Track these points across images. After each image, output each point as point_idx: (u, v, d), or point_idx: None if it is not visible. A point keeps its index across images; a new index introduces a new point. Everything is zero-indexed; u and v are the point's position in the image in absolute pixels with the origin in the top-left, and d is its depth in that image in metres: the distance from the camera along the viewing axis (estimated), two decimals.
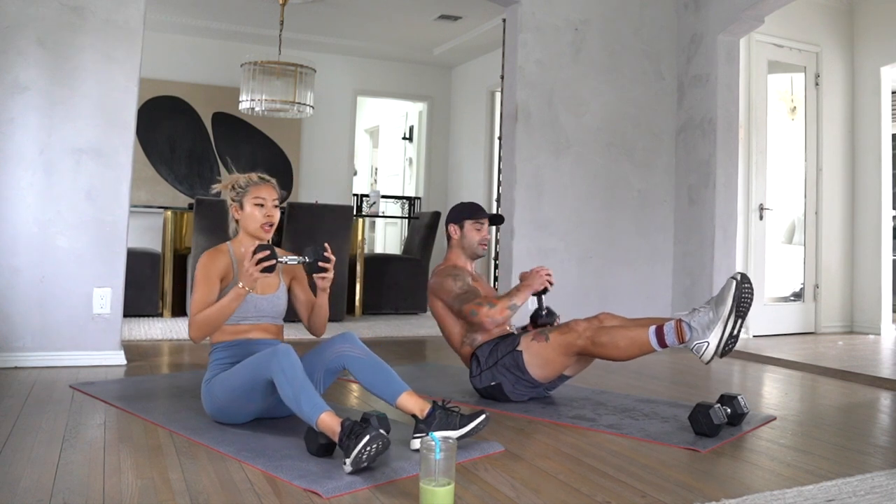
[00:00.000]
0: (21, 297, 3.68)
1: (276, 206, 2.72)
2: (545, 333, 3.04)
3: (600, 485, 2.10)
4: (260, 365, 2.36)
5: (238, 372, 2.46)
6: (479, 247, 3.33)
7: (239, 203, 2.71)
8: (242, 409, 2.53)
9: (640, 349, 2.85)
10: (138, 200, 7.02)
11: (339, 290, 5.87)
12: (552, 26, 5.01)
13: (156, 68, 7.23)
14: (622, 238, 5.20)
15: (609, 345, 2.88)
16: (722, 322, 2.70)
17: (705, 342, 2.71)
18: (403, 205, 8.98)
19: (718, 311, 2.71)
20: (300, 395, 2.23)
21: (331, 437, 2.18)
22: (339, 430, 2.13)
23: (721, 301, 2.72)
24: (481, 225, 3.33)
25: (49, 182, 3.74)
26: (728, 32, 5.01)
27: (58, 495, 1.90)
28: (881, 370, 4.28)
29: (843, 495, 2.03)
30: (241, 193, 2.70)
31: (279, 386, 2.28)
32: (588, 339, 2.92)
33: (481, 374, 3.14)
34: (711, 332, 2.70)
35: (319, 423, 2.19)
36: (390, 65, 8.73)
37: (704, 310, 2.74)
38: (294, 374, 2.27)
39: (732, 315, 2.70)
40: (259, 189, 2.69)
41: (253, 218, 2.69)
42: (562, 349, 2.98)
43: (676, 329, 2.77)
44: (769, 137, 5.69)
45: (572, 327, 2.98)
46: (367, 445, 2.04)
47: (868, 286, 5.90)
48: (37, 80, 3.73)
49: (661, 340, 2.79)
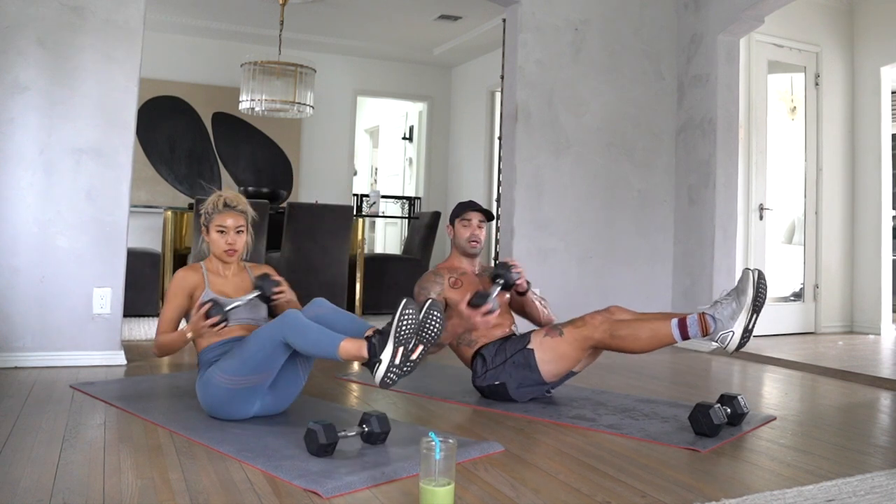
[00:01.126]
0: (21, 297, 3.68)
1: (241, 233, 2.85)
2: (558, 328, 3.04)
3: (600, 485, 2.10)
4: (273, 331, 2.49)
5: (252, 340, 2.54)
6: (468, 244, 3.29)
7: (206, 227, 2.86)
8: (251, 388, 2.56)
9: (660, 342, 2.87)
10: (138, 200, 7.03)
11: (339, 290, 5.87)
12: (552, 26, 5.01)
13: (156, 68, 7.23)
14: (622, 238, 5.20)
15: (629, 337, 2.89)
16: (746, 311, 2.75)
17: (731, 332, 2.76)
18: (403, 205, 8.98)
19: (741, 300, 2.76)
20: (318, 339, 2.41)
21: (359, 357, 2.37)
22: (364, 344, 2.36)
23: (742, 291, 2.77)
24: (468, 222, 3.30)
25: (49, 182, 3.74)
26: (728, 32, 5.01)
27: (58, 495, 1.90)
28: (881, 370, 4.28)
29: (843, 495, 2.03)
30: (207, 219, 2.85)
31: (294, 341, 2.44)
32: (606, 332, 2.92)
33: (486, 373, 3.13)
34: (736, 321, 2.76)
35: (341, 350, 2.38)
36: (390, 65, 8.73)
37: (727, 301, 2.79)
38: (305, 326, 2.44)
39: (752, 306, 2.75)
40: (222, 217, 2.83)
41: (216, 243, 2.84)
42: (577, 343, 2.98)
43: (700, 321, 2.80)
44: (769, 137, 5.69)
45: (587, 321, 2.98)
46: (405, 311, 2.33)
47: (868, 286, 5.90)
48: (37, 80, 3.73)
49: (683, 333, 2.82)
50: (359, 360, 2.40)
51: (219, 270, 2.87)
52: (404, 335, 2.34)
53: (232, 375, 2.55)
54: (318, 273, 5.80)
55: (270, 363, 2.53)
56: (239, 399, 2.58)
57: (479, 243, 3.31)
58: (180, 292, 2.80)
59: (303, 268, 5.75)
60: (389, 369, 2.33)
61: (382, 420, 2.37)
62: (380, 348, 2.35)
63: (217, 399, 2.60)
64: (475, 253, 3.33)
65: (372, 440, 2.37)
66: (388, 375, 2.33)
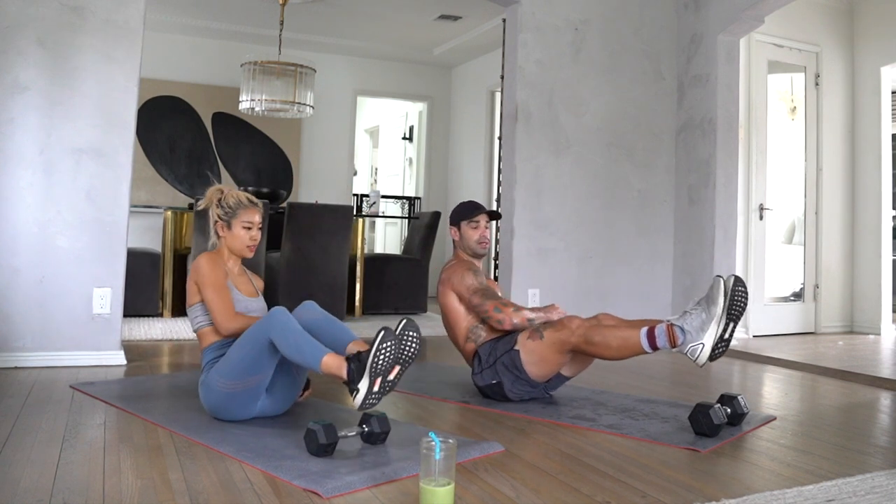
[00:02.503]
0: (21, 297, 3.68)
1: (261, 229, 2.88)
2: (540, 331, 3.03)
3: (600, 485, 2.10)
4: (259, 330, 2.47)
5: (238, 345, 2.53)
6: (478, 246, 3.31)
7: (227, 223, 2.81)
8: (248, 391, 2.56)
9: (631, 350, 2.82)
10: (138, 200, 7.03)
11: (339, 290, 5.87)
12: (552, 26, 5.01)
13: (156, 68, 7.23)
14: (622, 238, 5.20)
15: (601, 344, 2.86)
16: (716, 321, 2.65)
17: (700, 344, 2.66)
18: (403, 205, 8.98)
19: (711, 310, 2.66)
20: (301, 346, 2.39)
21: (338, 377, 2.33)
22: (344, 365, 2.32)
23: (712, 301, 2.67)
24: (477, 223, 3.32)
25: (49, 182, 3.74)
26: (728, 32, 5.01)
27: (58, 495, 1.90)
28: (881, 370, 4.28)
29: (843, 495, 2.03)
30: (231, 214, 2.81)
31: (279, 342, 2.41)
32: (581, 337, 2.90)
33: (482, 372, 3.14)
34: (706, 332, 2.66)
35: (323, 365, 2.35)
36: (390, 65, 8.73)
37: (696, 311, 2.70)
38: (291, 327, 2.41)
39: (724, 316, 2.66)
40: (249, 213, 2.82)
41: (240, 239, 2.81)
42: (556, 346, 2.97)
43: (668, 333, 2.73)
44: (769, 137, 5.69)
45: (566, 324, 2.96)
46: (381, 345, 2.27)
47: (868, 286, 5.90)
48: (37, 80, 3.73)
49: (651, 343, 2.76)
50: (338, 379, 2.36)
51: (230, 266, 2.86)
52: (381, 368, 2.30)
53: (227, 380, 2.55)
54: (318, 273, 5.80)
55: (261, 365, 2.51)
56: (238, 403, 2.59)
57: (489, 244, 3.33)
58: (224, 280, 2.73)
59: (303, 268, 5.75)
60: (368, 397, 2.31)
61: (382, 420, 2.38)
62: (357, 377, 2.31)
63: (217, 402, 2.62)
64: (485, 254, 3.36)
65: (372, 440, 2.37)
66: (368, 401, 2.32)
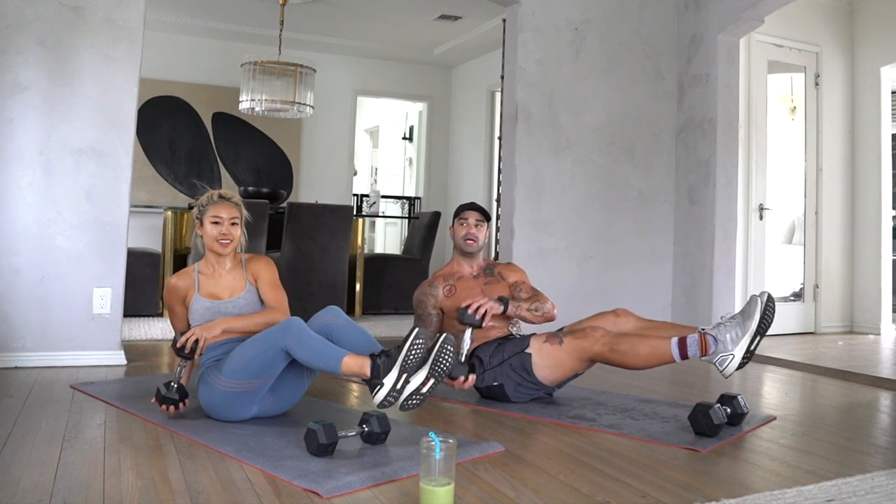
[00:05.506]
0: (21, 297, 3.68)
1: (235, 224, 2.85)
2: (559, 336, 3.03)
3: (600, 485, 2.10)
4: (274, 338, 2.49)
5: (248, 347, 2.54)
6: (463, 242, 3.33)
7: (199, 220, 2.86)
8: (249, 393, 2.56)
9: (658, 360, 2.83)
10: (138, 200, 7.02)
11: (338, 290, 5.87)
12: (552, 26, 5.01)
13: (156, 68, 7.23)
14: (622, 238, 5.19)
15: (629, 353, 2.86)
16: (748, 337, 2.71)
17: (731, 355, 2.71)
18: (403, 205, 8.98)
19: (746, 325, 2.72)
20: (321, 351, 2.43)
21: (360, 375, 2.39)
22: (367, 363, 2.38)
23: (749, 316, 2.72)
24: (464, 220, 3.35)
25: (49, 182, 3.74)
26: (728, 32, 5.01)
27: (58, 495, 1.90)
28: (881, 370, 4.28)
29: (843, 495, 2.03)
30: (202, 211, 2.85)
31: (296, 352, 2.44)
32: (605, 346, 2.90)
33: (484, 373, 3.13)
34: (738, 345, 2.71)
35: (343, 366, 2.39)
36: (390, 65, 8.73)
37: (731, 324, 2.74)
38: (308, 337, 2.45)
39: (756, 330, 2.71)
40: (216, 208, 2.84)
41: (210, 234, 2.83)
42: (576, 353, 2.97)
43: (700, 342, 2.76)
44: (769, 137, 5.69)
45: (589, 333, 2.95)
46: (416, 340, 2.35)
47: (868, 286, 5.90)
48: (37, 80, 3.73)
49: (683, 352, 2.78)
50: (360, 377, 2.41)
51: (213, 270, 2.85)
52: (411, 364, 2.38)
53: (231, 379, 2.55)
54: (318, 273, 5.80)
55: (270, 369, 2.53)
56: (238, 402, 2.59)
57: (475, 241, 3.33)
58: (176, 304, 2.84)
59: (303, 268, 5.75)
60: (390, 393, 2.38)
61: (382, 420, 2.38)
62: (384, 371, 2.37)
63: (216, 401, 2.61)
64: (471, 251, 3.34)
65: (372, 440, 2.37)
66: (388, 399, 2.38)
